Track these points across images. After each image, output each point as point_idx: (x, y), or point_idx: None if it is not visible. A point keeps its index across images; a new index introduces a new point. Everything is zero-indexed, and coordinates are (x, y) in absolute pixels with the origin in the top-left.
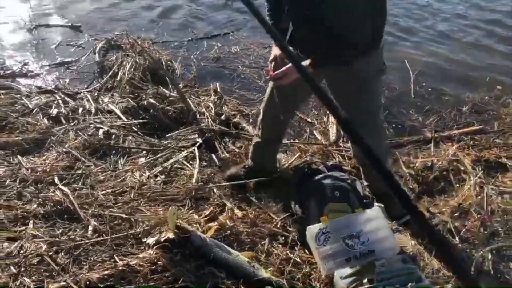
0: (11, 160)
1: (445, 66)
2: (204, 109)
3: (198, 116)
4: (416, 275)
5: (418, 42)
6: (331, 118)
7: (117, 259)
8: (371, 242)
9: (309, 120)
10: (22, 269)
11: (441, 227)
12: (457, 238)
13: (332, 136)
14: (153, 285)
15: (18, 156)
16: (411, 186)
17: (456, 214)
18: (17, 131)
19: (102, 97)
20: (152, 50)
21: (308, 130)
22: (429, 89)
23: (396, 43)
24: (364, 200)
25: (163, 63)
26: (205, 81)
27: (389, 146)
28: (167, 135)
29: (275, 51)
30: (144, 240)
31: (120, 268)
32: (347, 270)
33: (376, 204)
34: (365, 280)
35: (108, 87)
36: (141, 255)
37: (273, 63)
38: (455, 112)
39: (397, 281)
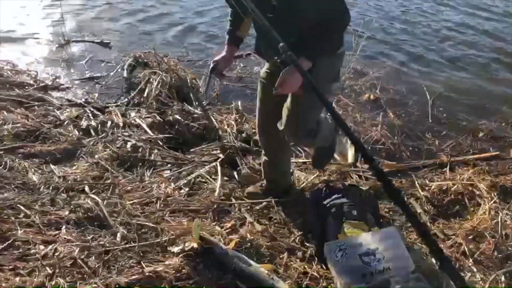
0: (44, 168)
1: (463, 93)
2: (226, 127)
3: (220, 133)
4: None
5: (436, 68)
6: (349, 139)
7: (144, 265)
8: (387, 259)
9: None
10: (57, 270)
11: (455, 249)
12: (471, 260)
13: (350, 156)
14: None
15: (51, 165)
16: (426, 208)
17: (470, 237)
18: (50, 141)
19: (129, 111)
20: (178, 68)
21: None
22: (446, 115)
23: (415, 69)
24: (381, 220)
25: (188, 81)
26: (227, 99)
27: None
28: (190, 150)
29: (223, 52)
30: (170, 248)
31: (147, 274)
32: (363, 286)
33: (392, 224)
34: None
35: (136, 102)
36: (166, 262)
37: (214, 63)
38: (471, 138)
39: None
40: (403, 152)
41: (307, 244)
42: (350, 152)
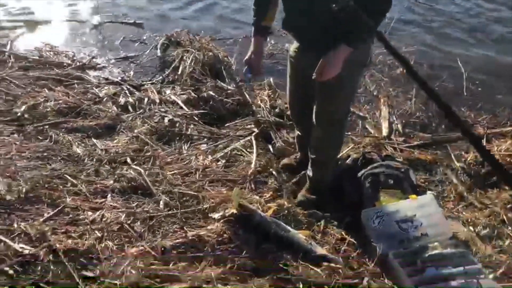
0: (87, 142)
1: (498, 66)
2: (259, 102)
3: (254, 108)
4: (468, 258)
5: (470, 43)
6: (383, 113)
7: (187, 230)
8: (424, 226)
9: (361, 114)
10: (105, 234)
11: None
12: (510, 228)
13: (385, 129)
14: (220, 254)
15: (93, 139)
16: (462, 179)
17: (508, 206)
18: (91, 117)
19: (164, 89)
20: (210, 46)
21: (360, 124)
22: (482, 88)
23: (449, 44)
24: (417, 189)
25: (221, 58)
26: (259, 76)
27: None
28: (225, 125)
29: (251, 47)
30: (211, 215)
31: (190, 237)
32: (401, 251)
33: (429, 192)
34: (418, 261)
35: (170, 80)
36: (209, 227)
37: (247, 65)
38: (509, 110)
39: (450, 263)
40: (437, 125)
41: (345, 211)
42: (384, 125)
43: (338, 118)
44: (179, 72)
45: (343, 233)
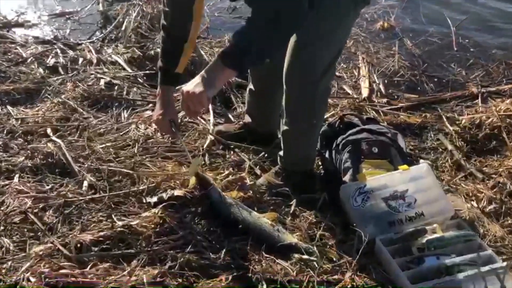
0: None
1: (490, 16)
2: None
3: None
4: (475, 243)
5: None
6: (362, 72)
7: (115, 219)
8: (419, 204)
9: (337, 74)
10: (2, 228)
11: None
12: None
13: (365, 90)
14: (157, 249)
15: (8, 106)
16: (457, 144)
17: None
18: (8, 80)
19: (105, 48)
20: None
21: (336, 85)
22: (473, 42)
23: None
24: (408, 158)
25: None
26: (219, 32)
27: None
28: (176, 88)
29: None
30: (147, 199)
31: (119, 229)
32: (391, 236)
33: (422, 161)
34: (414, 249)
35: (113, 38)
36: (143, 215)
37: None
38: (504, 66)
39: (453, 250)
40: (425, 84)
41: (319, 189)
42: (364, 85)
43: (316, 78)
44: (123, 28)
45: (318, 215)
